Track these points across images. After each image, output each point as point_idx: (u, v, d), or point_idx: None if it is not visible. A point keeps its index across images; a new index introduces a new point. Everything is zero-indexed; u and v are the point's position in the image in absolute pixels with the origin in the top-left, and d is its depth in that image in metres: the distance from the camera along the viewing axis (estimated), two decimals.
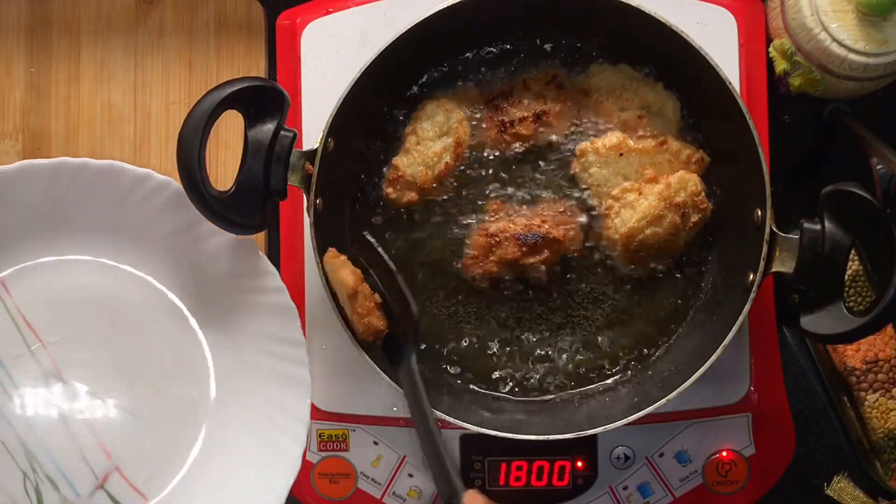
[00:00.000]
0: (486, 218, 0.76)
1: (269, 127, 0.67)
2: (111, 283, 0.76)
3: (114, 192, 0.74)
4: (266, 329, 0.74)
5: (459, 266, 0.77)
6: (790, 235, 0.66)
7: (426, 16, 0.70)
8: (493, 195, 0.77)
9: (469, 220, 0.77)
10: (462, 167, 0.77)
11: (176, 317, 0.76)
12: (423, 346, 0.77)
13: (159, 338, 0.76)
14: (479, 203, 0.77)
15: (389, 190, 0.77)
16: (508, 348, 0.77)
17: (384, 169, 0.78)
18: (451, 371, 0.77)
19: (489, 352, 0.77)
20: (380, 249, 0.75)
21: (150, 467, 0.73)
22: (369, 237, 0.76)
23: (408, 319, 0.70)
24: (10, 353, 0.74)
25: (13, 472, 0.72)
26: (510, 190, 0.77)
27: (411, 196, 0.76)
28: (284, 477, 0.72)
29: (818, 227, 0.64)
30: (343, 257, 0.70)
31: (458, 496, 0.64)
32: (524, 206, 0.77)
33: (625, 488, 0.78)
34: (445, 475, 0.65)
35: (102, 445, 0.73)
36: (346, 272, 0.68)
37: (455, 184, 0.77)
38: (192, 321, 0.76)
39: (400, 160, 0.77)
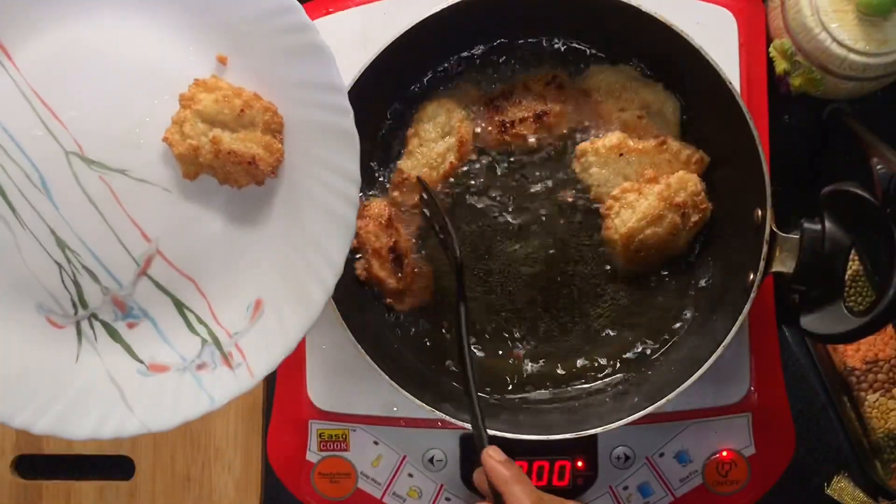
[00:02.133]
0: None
1: None
2: (133, 43, 0.63)
3: None
4: (301, 76, 0.62)
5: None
6: (790, 235, 0.66)
7: (426, 16, 0.70)
8: (493, 196, 0.77)
9: (470, 223, 0.77)
10: (464, 167, 0.77)
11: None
12: (424, 347, 0.77)
13: None
14: (478, 207, 0.77)
15: (395, 193, 0.77)
16: (507, 349, 0.77)
17: (387, 172, 0.78)
18: (451, 371, 0.77)
19: (487, 352, 0.77)
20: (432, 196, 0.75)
21: (194, 247, 0.64)
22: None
23: (453, 259, 0.72)
24: (28, 135, 0.63)
25: (47, 263, 0.64)
26: (510, 191, 0.77)
27: (416, 198, 0.77)
28: (341, 246, 0.62)
29: (818, 227, 0.64)
30: None
31: (481, 446, 0.65)
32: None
33: (625, 488, 0.78)
34: (475, 425, 0.66)
35: (138, 226, 0.64)
36: None
37: (458, 184, 0.77)
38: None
39: (404, 163, 0.77)
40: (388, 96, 0.78)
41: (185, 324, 0.64)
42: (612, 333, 0.77)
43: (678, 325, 0.77)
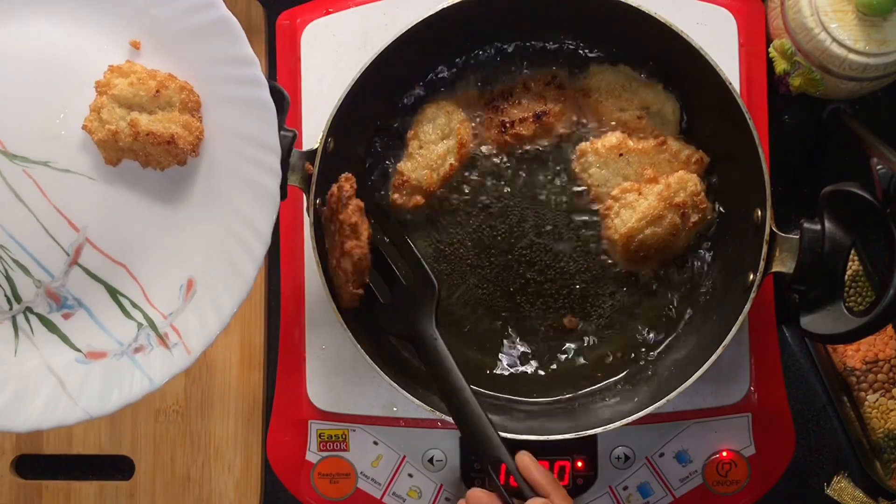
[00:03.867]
0: None
1: None
2: (45, 39, 0.64)
3: None
4: (212, 52, 0.63)
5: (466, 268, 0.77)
6: (790, 235, 0.66)
7: (426, 16, 0.70)
8: (492, 197, 0.77)
9: (474, 223, 0.77)
10: (464, 169, 0.77)
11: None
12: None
13: None
14: (478, 207, 0.77)
15: (396, 196, 0.77)
16: (508, 349, 0.77)
17: (387, 175, 0.78)
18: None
19: (489, 353, 0.77)
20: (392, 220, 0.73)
21: (123, 232, 0.65)
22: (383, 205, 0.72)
23: (427, 288, 0.70)
24: None
25: None
26: (509, 192, 0.77)
27: (417, 200, 0.77)
28: (266, 216, 0.63)
29: (818, 227, 0.64)
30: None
31: (509, 461, 0.65)
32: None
33: (625, 488, 0.78)
34: (489, 442, 0.66)
35: (65, 217, 0.64)
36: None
37: (459, 185, 0.77)
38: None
39: (404, 165, 0.77)
40: (387, 98, 0.78)
41: (119, 309, 0.65)
42: (611, 333, 0.77)
43: (678, 325, 0.77)
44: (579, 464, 0.78)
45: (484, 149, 0.78)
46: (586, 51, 0.78)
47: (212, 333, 0.62)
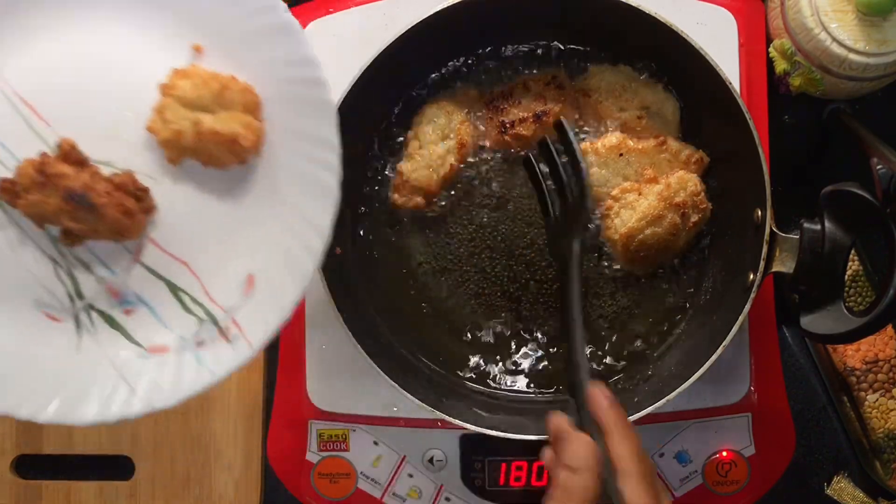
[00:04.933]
0: None
1: None
2: (111, 46, 0.65)
3: None
4: (274, 54, 0.64)
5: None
6: (790, 235, 0.66)
7: (426, 16, 0.70)
8: (493, 197, 0.77)
9: (472, 222, 0.77)
10: (465, 169, 0.77)
11: None
12: (424, 346, 0.77)
13: None
14: (479, 207, 0.77)
15: (395, 196, 0.77)
16: (509, 349, 0.77)
17: (387, 175, 0.78)
18: (452, 371, 0.77)
19: (490, 352, 0.77)
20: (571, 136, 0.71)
21: (183, 230, 0.66)
22: None
23: (581, 207, 0.70)
24: (13, 136, 0.65)
25: (41, 261, 0.66)
26: (510, 192, 0.77)
27: (417, 200, 0.77)
28: (326, 212, 0.64)
29: (818, 227, 0.64)
30: None
31: (583, 387, 0.63)
32: None
33: None
34: (575, 365, 0.64)
35: None
36: None
37: (459, 185, 0.77)
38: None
39: (404, 166, 0.77)
40: (387, 98, 0.78)
41: (180, 305, 0.66)
42: (611, 334, 0.77)
43: (678, 325, 0.77)
44: None
45: (484, 149, 0.78)
46: (586, 51, 0.78)
47: (272, 327, 0.63)
